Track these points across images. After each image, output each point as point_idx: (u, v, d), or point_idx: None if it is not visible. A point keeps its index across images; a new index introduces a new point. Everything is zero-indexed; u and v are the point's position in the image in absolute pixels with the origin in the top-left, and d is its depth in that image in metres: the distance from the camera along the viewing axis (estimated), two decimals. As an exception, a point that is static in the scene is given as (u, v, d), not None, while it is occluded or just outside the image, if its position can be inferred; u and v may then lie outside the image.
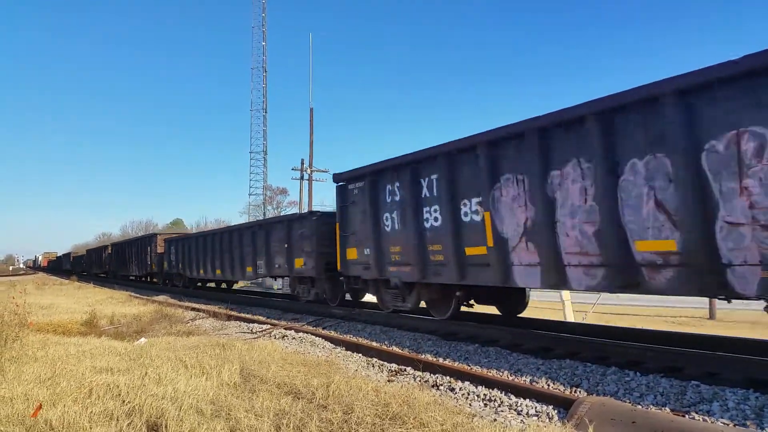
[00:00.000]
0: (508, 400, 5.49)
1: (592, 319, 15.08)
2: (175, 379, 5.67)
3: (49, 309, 15.90)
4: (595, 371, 6.40)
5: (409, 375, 6.79)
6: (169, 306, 16.89)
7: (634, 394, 5.49)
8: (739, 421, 4.64)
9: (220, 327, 12.13)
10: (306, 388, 5.32)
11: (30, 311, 13.79)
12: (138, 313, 14.52)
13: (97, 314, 13.33)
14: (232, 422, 4.33)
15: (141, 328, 11.95)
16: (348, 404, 4.72)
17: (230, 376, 5.91)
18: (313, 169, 33.27)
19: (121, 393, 5.11)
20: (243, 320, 12.91)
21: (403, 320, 10.79)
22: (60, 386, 5.34)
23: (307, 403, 4.87)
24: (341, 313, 12.71)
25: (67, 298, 21.08)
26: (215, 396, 5.12)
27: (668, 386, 5.60)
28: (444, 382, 6.30)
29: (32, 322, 11.34)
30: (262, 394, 5.15)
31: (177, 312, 15.06)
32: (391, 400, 4.74)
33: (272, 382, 5.67)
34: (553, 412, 5.06)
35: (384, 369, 7.25)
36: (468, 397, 5.75)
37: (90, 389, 5.21)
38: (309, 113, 33.85)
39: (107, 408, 4.65)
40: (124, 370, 6.21)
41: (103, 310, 14.93)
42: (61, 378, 5.72)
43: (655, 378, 5.90)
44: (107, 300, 20.32)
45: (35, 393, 5.08)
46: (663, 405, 5.15)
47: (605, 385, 5.83)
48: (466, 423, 4.25)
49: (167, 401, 4.82)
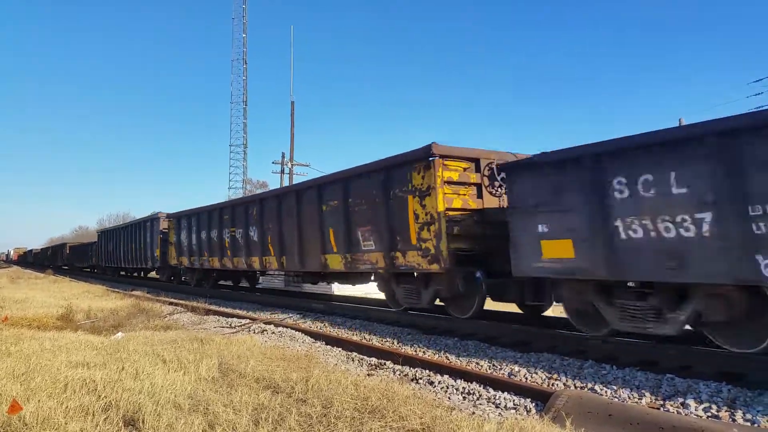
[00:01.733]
0: (486, 394, 5.53)
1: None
2: (153, 373, 5.61)
3: (24, 303, 15.61)
4: (573, 365, 6.47)
5: (388, 369, 6.81)
6: (147, 300, 16.70)
7: (610, 387, 5.57)
8: (712, 413, 4.73)
9: (199, 321, 12.04)
10: (285, 382, 5.31)
11: (3, 305, 13.59)
12: (115, 308, 14.33)
13: (73, 308, 13.12)
14: (210, 417, 4.30)
15: (118, 322, 11.79)
16: (327, 398, 4.71)
17: (208, 371, 5.86)
18: (294, 162, 33.13)
19: (98, 388, 5.04)
20: (222, 315, 12.82)
21: (383, 314, 10.81)
22: (34, 381, 5.25)
23: (286, 398, 4.86)
24: (321, 307, 12.69)
25: (42, 292, 20.71)
26: (193, 391, 5.08)
27: (644, 379, 5.69)
28: (423, 375, 6.33)
29: (6, 316, 11.16)
30: (240, 388, 5.12)
31: (155, 306, 14.90)
32: (371, 394, 4.75)
33: (251, 376, 5.64)
34: (531, 405, 5.11)
35: (364, 363, 7.26)
36: (447, 390, 5.79)
37: (65, 384, 5.13)
38: (290, 107, 33.70)
39: (83, 403, 4.58)
40: (100, 365, 6.13)
41: (79, 304, 14.69)
42: (36, 373, 5.63)
43: (631, 371, 5.99)
44: (83, 294, 20.03)
45: (9, 388, 4.98)
46: (639, 398, 5.23)
47: (582, 379, 5.91)
48: (444, 416, 4.27)
49: (144, 396, 4.77)
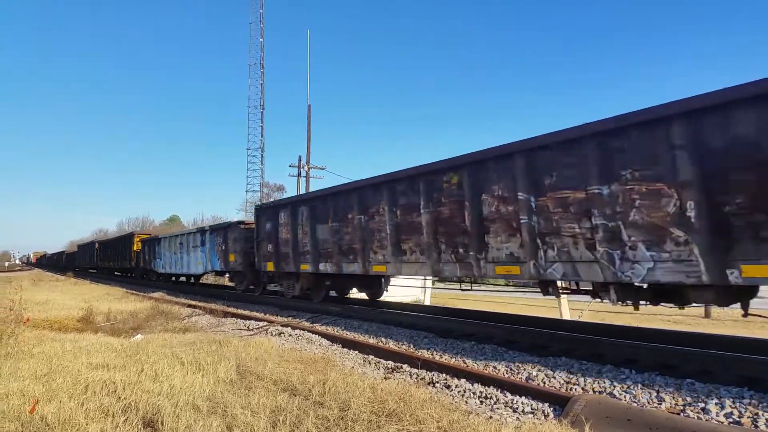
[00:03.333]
0: (504, 398, 5.50)
1: (588, 317, 15.12)
2: (172, 375, 5.67)
3: (45, 305, 15.85)
4: (591, 369, 6.41)
5: (405, 372, 6.80)
6: (166, 303, 16.87)
7: (630, 391, 5.51)
8: (733, 419, 4.66)
9: (217, 324, 12.12)
10: (302, 385, 5.33)
11: (26, 307, 13.76)
12: (134, 310, 14.49)
13: (94, 310, 13.30)
14: (228, 419, 4.33)
15: (137, 324, 11.92)
16: (344, 401, 4.72)
17: (226, 373, 5.90)
18: (310, 165, 33.25)
19: (117, 389, 5.10)
20: (239, 317, 12.90)
21: (400, 317, 10.80)
22: (56, 382, 5.33)
23: (304, 400, 4.88)
24: (338, 310, 12.71)
25: (63, 295, 21.01)
26: (211, 393, 5.12)
27: (664, 384, 5.62)
28: (440, 379, 6.31)
29: (28, 318, 11.31)
30: (258, 390, 5.15)
31: (173, 309, 15.04)
32: (388, 398, 4.75)
33: (269, 378, 5.67)
34: (549, 410, 5.08)
35: (380, 366, 7.26)
36: (464, 394, 5.76)
37: (86, 385, 5.20)
38: (306, 110, 33.86)
39: (103, 404, 4.64)
40: (120, 367, 6.21)
41: (99, 306, 14.88)
42: (57, 374, 5.71)
43: (650, 375, 5.92)
44: (103, 296, 20.28)
45: (31, 389, 5.07)
46: (658, 403, 5.17)
47: (601, 383, 5.85)
48: (462, 420, 4.26)
49: (163, 398, 4.82)
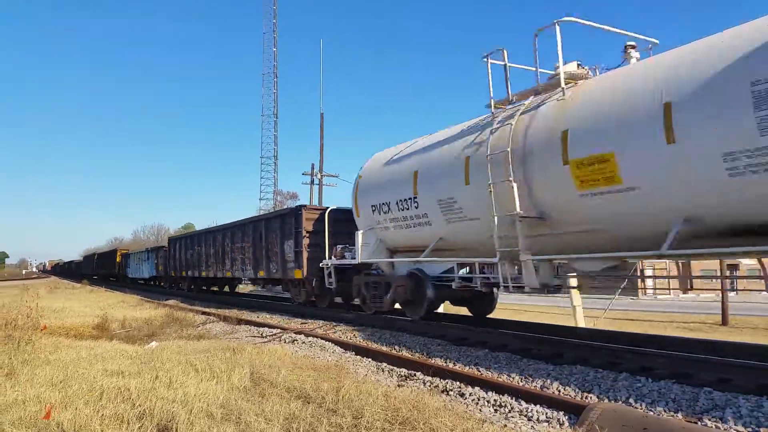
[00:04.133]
0: (518, 406, 5.46)
1: (603, 324, 14.98)
2: (186, 382, 5.69)
3: (61, 312, 16.01)
4: (606, 377, 6.35)
5: (419, 380, 6.77)
6: (180, 310, 16.98)
7: (645, 400, 5.45)
8: (752, 428, 4.59)
9: (231, 331, 12.17)
10: (316, 392, 5.33)
11: (42, 315, 13.91)
12: (149, 317, 14.60)
13: (109, 318, 13.42)
14: (242, 426, 4.35)
15: (152, 331, 12.01)
16: (358, 409, 4.71)
17: (240, 380, 5.92)
18: (323, 173, 33.38)
19: (132, 396, 5.13)
20: (253, 324, 12.94)
21: (413, 325, 10.77)
22: (71, 389, 5.38)
23: (317, 408, 4.88)
24: (351, 318, 12.71)
25: (78, 302, 21.22)
26: (225, 400, 5.13)
27: (680, 392, 5.55)
28: (454, 387, 6.28)
29: (45, 325, 11.43)
30: (272, 398, 5.16)
31: (187, 316, 15.13)
32: (401, 405, 4.74)
33: (282, 386, 5.68)
34: (564, 418, 5.03)
35: (394, 374, 7.24)
36: (478, 402, 5.73)
37: (101, 392, 5.24)
38: (320, 118, 34.03)
39: (118, 411, 4.67)
40: (135, 374, 6.24)
41: (114, 313, 15.02)
42: (73, 381, 5.76)
43: (666, 384, 5.85)
44: (118, 304, 20.44)
45: (47, 396, 5.12)
46: (675, 411, 5.11)
47: (616, 391, 5.79)
48: (476, 428, 4.24)
49: (178, 405, 4.84)
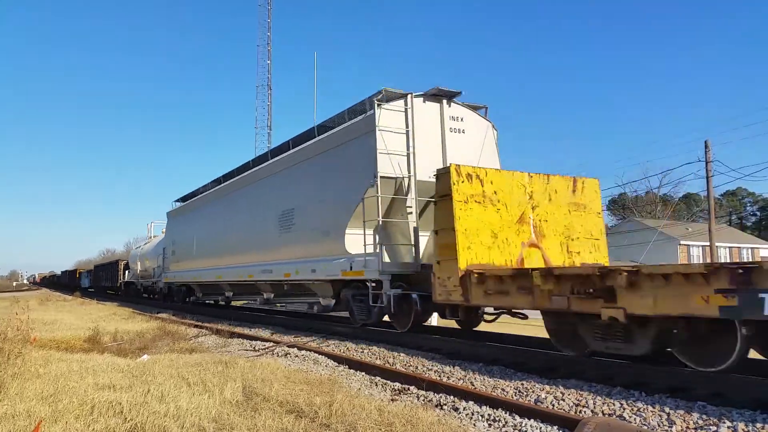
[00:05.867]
0: (512, 420, 5.43)
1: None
2: (178, 396, 5.65)
3: (53, 325, 15.89)
4: (600, 391, 6.34)
5: (412, 394, 6.74)
6: (172, 323, 16.86)
7: (640, 414, 5.44)
8: (746, 443, 4.58)
9: (223, 344, 12.10)
10: (309, 406, 5.29)
11: (33, 327, 13.80)
12: (141, 330, 14.49)
13: (100, 330, 13.31)
14: (234, 441, 4.31)
15: (144, 344, 11.92)
16: (351, 423, 4.69)
17: (233, 394, 5.88)
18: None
19: (124, 410, 5.09)
20: (246, 337, 12.87)
21: (407, 338, 10.74)
22: (62, 403, 5.32)
23: (310, 422, 4.84)
24: (345, 331, 12.66)
25: (70, 314, 21.06)
26: (218, 414, 5.10)
27: (674, 407, 5.54)
28: (448, 401, 6.25)
29: (35, 338, 11.34)
30: (264, 412, 5.12)
31: (180, 329, 15.03)
32: (395, 420, 4.71)
33: (275, 400, 5.64)
34: (558, 433, 5.01)
35: (387, 388, 7.21)
36: (472, 416, 5.70)
37: (92, 406, 5.19)
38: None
39: (109, 425, 4.63)
40: (126, 387, 6.19)
41: (106, 326, 14.90)
42: (64, 395, 5.71)
43: (660, 398, 5.85)
44: (110, 316, 20.30)
45: (37, 410, 5.06)
46: (669, 426, 5.10)
47: (611, 405, 5.78)
48: (470, 443, 4.21)
49: (169, 419, 4.80)
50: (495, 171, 9.82)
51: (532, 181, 9.87)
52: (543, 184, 9.99)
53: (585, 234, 10.23)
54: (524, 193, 9.71)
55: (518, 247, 9.37)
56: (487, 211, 9.20)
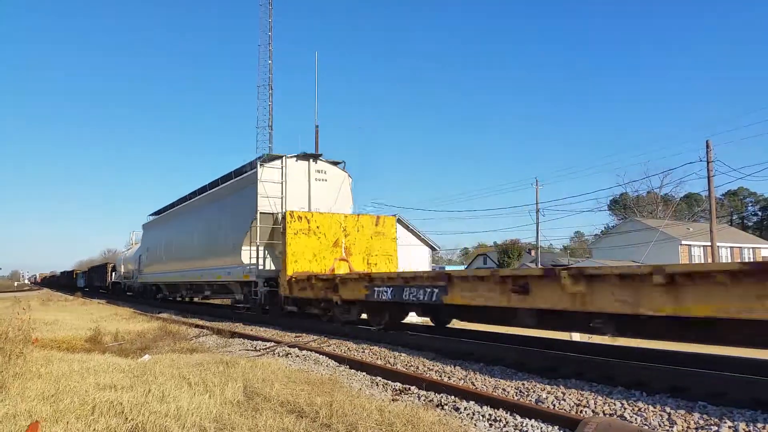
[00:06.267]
0: (513, 421, 5.43)
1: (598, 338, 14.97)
2: (179, 396, 5.65)
3: (54, 325, 15.91)
4: (601, 391, 6.34)
5: (413, 394, 6.74)
6: (173, 323, 16.88)
7: (640, 414, 5.44)
8: (747, 442, 4.58)
9: (224, 344, 12.10)
10: (309, 406, 5.30)
11: (34, 327, 13.83)
12: (142, 330, 14.51)
13: (102, 331, 13.33)
14: (235, 441, 4.31)
15: (145, 344, 11.93)
16: (352, 423, 4.69)
17: (234, 394, 5.88)
18: (318, 186, 33.31)
19: (125, 410, 5.09)
20: (247, 337, 12.87)
21: (408, 338, 10.74)
22: (63, 403, 5.33)
23: (311, 422, 4.85)
24: (346, 331, 12.66)
25: (71, 314, 21.09)
26: (218, 414, 5.10)
27: (675, 406, 5.54)
28: (449, 401, 6.25)
29: (36, 338, 11.35)
30: (265, 412, 5.12)
31: (181, 329, 15.04)
32: (396, 420, 4.72)
33: (276, 400, 5.64)
34: (559, 433, 5.01)
35: (388, 388, 7.21)
36: (473, 416, 5.70)
37: (93, 406, 5.19)
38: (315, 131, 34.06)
39: (110, 425, 4.63)
40: (127, 387, 6.20)
41: (107, 326, 14.92)
42: (65, 395, 5.71)
43: (662, 398, 5.85)
44: (111, 316, 20.32)
45: (38, 410, 5.07)
46: (670, 426, 5.10)
47: (612, 405, 5.78)
48: (470, 443, 4.21)
49: (170, 419, 4.81)
50: (319, 213, 15.49)
51: (346, 219, 15.63)
52: (354, 220, 15.75)
53: (382, 252, 15.96)
54: (340, 227, 15.35)
55: (332, 262, 15.02)
56: (311, 239, 14.78)
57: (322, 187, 17.41)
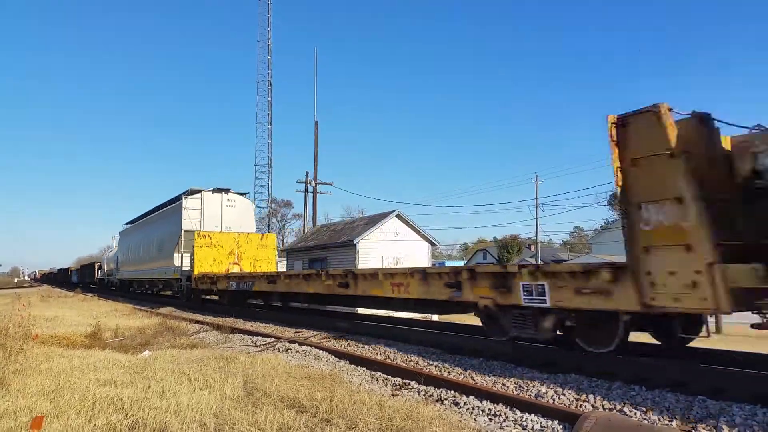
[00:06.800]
0: (513, 415, 5.45)
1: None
2: (179, 392, 5.66)
3: (54, 321, 15.92)
4: (601, 386, 6.36)
5: (413, 389, 6.75)
6: (174, 318, 16.90)
7: (640, 409, 5.45)
8: (746, 437, 4.60)
9: (224, 340, 12.11)
10: (310, 402, 5.30)
11: (34, 323, 13.82)
12: (142, 326, 14.52)
13: (102, 327, 13.34)
14: (235, 436, 4.32)
15: (145, 340, 11.94)
16: (352, 418, 4.70)
17: (234, 390, 5.89)
18: (317, 181, 33.38)
19: (125, 406, 5.10)
20: (247, 333, 12.88)
21: (407, 333, 10.76)
22: (63, 399, 5.33)
23: (311, 417, 4.85)
24: (346, 326, 12.69)
25: (71, 311, 21.08)
26: (218, 410, 5.10)
27: (674, 401, 5.56)
28: (448, 396, 6.26)
29: (36, 334, 11.35)
30: (265, 407, 5.13)
31: (181, 325, 15.06)
32: (396, 415, 4.72)
33: (276, 395, 5.65)
34: (559, 428, 5.02)
35: (388, 383, 7.22)
36: (473, 411, 5.71)
37: (93, 402, 5.20)
38: (314, 126, 34.06)
39: (110, 421, 4.64)
40: (127, 383, 6.20)
41: (107, 322, 14.93)
42: (65, 391, 5.72)
43: (661, 393, 5.86)
44: (111, 312, 20.33)
45: (39, 406, 5.07)
46: (669, 420, 5.11)
47: (611, 400, 5.79)
48: (470, 438, 4.22)
49: (170, 414, 4.81)
50: (219, 232, 23.25)
51: (239, 236, 22.87)
52: (245, 236, 23.12)
53: (265, 259, 23.16)
54: (234, 242, 22.51)
55: (227, 265, 21.87)
56: (212, 250, 21.76)
57: (231, 212, 25.49)
